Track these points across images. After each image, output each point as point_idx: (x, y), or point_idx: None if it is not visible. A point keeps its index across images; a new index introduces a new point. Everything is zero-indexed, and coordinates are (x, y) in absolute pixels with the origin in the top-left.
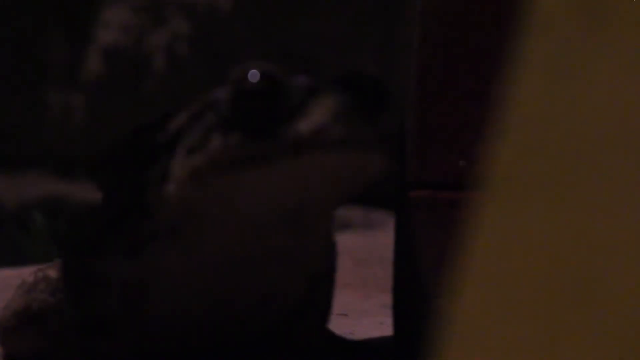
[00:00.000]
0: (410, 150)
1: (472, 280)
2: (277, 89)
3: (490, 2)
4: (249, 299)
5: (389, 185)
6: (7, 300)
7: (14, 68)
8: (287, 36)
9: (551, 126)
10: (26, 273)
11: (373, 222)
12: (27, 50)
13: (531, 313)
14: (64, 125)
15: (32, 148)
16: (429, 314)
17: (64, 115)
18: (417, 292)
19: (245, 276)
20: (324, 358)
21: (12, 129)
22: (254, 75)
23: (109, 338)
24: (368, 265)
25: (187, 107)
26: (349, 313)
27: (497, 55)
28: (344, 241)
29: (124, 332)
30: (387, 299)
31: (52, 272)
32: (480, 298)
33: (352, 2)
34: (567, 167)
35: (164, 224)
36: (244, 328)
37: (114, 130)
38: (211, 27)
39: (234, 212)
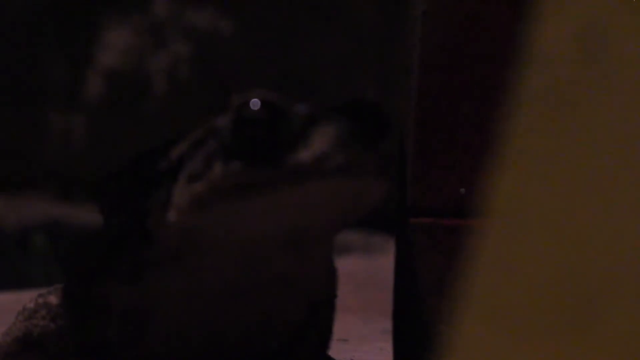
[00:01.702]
0: (410, 177)
1: (472, 306)
2: (278, 117)
3: (489, 33)
4: (250, 324)
5: (389, 208)
6: (7, 324)
7: (15, 90)
8: (288, 59)
9: (550, 154)
10: (26, 297)
11: (373, 246)
12: (29, 71)
13: (531, 339)
14: (64, 147)
15: (33, 170)
16: (429, 339)
17: (65, 137)
18: (417, 317)
19: (246, 302)
20: None
21: (13, 150)
22: (255, 103)
23: None
24: (368, 289)
25: (188, 134)
26: (349, 338)
27: (496, 84)
28: (345, 265)
29: (124, 357)
30: (388, 323)
31: (53, 299)
32: (480, 324)
33: (352, 26)
34: (565, 196)
35: (165, 251)
36: (244, 353)
37: (114, 152)
38: (212, 50)
39: (235, 238)
